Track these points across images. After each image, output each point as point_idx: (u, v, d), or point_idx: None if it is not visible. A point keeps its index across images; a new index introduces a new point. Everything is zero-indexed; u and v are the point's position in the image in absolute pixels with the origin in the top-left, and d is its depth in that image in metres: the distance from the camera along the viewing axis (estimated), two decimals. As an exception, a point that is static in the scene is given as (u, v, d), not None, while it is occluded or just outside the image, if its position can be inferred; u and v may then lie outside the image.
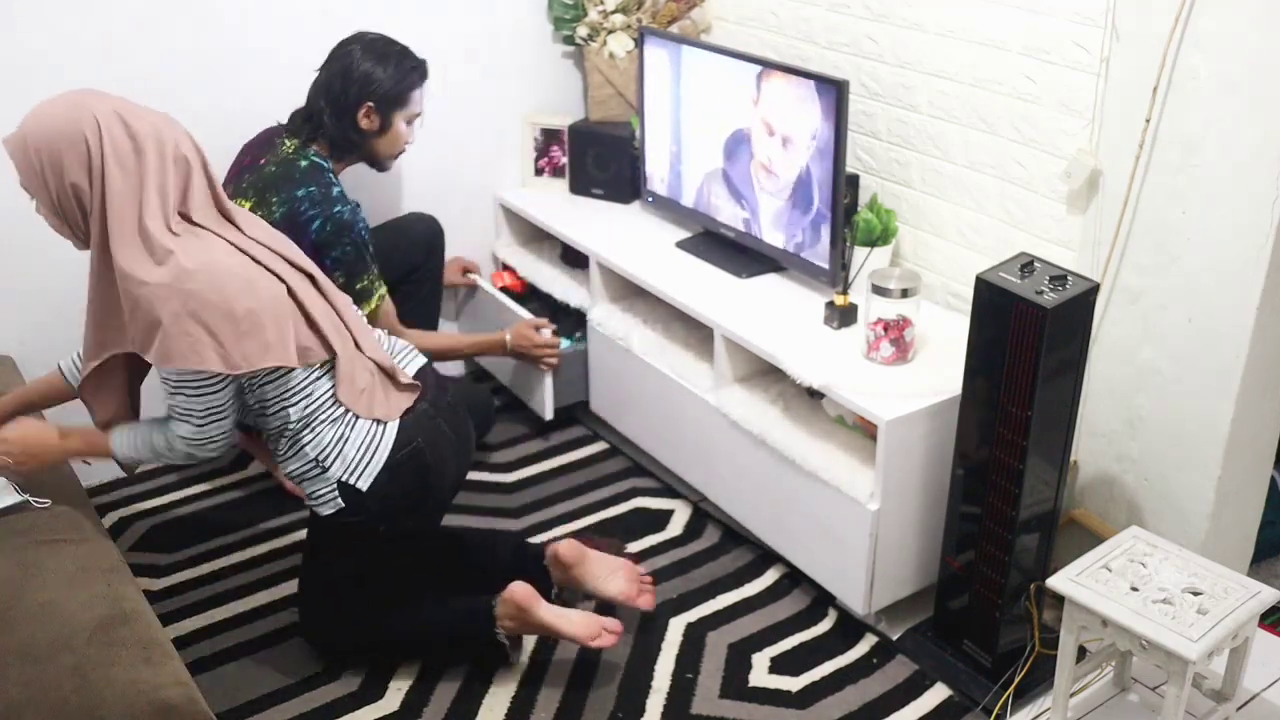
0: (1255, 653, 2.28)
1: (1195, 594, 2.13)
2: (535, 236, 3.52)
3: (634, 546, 2.84)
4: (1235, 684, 2.24)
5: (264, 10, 2.96)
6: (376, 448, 2.24)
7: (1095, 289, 2.19)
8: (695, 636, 2.57)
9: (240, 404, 2.19)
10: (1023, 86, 2.50)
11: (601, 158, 3.39)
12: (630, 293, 3.15)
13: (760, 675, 2.47)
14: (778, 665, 2.50)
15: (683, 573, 2.77)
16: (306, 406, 2.19)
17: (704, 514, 2.98)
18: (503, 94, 3.41)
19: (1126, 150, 2.35)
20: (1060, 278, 2.16)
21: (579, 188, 3.45)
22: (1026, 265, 2.20)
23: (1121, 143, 2.36)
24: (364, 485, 2.24)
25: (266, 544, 2.85)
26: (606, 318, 3.11)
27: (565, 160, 3.46)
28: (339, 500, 2.25)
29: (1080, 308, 2.17)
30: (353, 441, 2.22)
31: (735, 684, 2.44)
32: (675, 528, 2.94)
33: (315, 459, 2.23)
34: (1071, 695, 2.30)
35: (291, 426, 2.21)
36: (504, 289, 3.43)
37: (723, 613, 2.64)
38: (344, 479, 2.23)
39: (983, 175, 2.66)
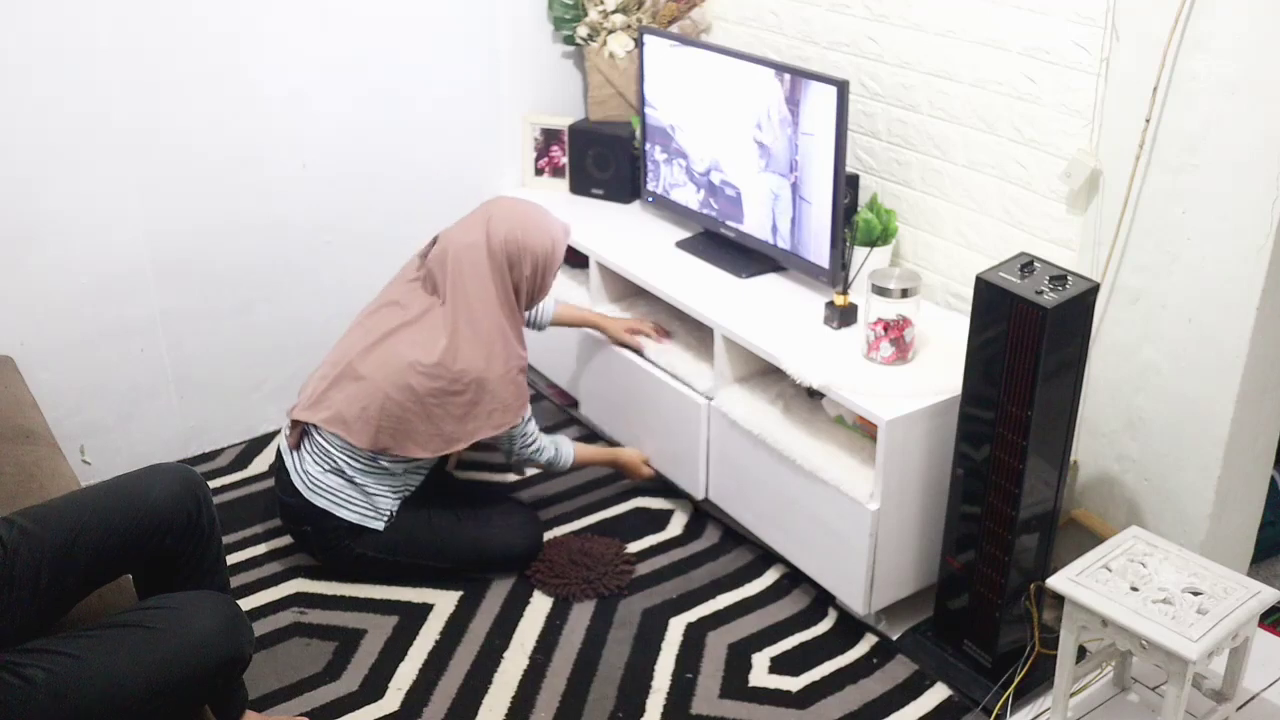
0: (1255, 653, 2.28)
1: (1195, 594, 2.13)
2: (535, 236, 3.52)
3: (634, 546, 2.84)
4: (1235, 684, 2.24)
5: (262, 9, 2.96)
6: None
7: (1095, 289, 2.20)
8: (695, 636, 2.57)
9: None
10: (1023, 86, 2.50)
11: (601, 158, 3.38)
12: (630, 293, 3.15)
13: (760, 675, 2.47)
14: (778, 665, 2.50)
15: (683, 573, 2.77)
16: None
17: (704, 514, 2.98)
18: (503, 94, 3.41)
19: (1126, 150, 2.35)
20: (1060, 278, 2.16)
21: (579, 188, 3.45)
22: (1026, 265, 2.20)
23: (1121, 143, 2.35)
24: None
25: (266, 544, 2.86)
26: (606, 318, 3.10)
27: (565, 160, 3.46)
28: None
29: (1080, 308, 2.17)
30: None
31: (735, 684, 2.45)
32: (675, 528, 2.94)
33: None
34: (1071, 695, 2.30)
35: None
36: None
37: (723, 613, 2.64)
38: None
39: (983, 175, 2.65)
